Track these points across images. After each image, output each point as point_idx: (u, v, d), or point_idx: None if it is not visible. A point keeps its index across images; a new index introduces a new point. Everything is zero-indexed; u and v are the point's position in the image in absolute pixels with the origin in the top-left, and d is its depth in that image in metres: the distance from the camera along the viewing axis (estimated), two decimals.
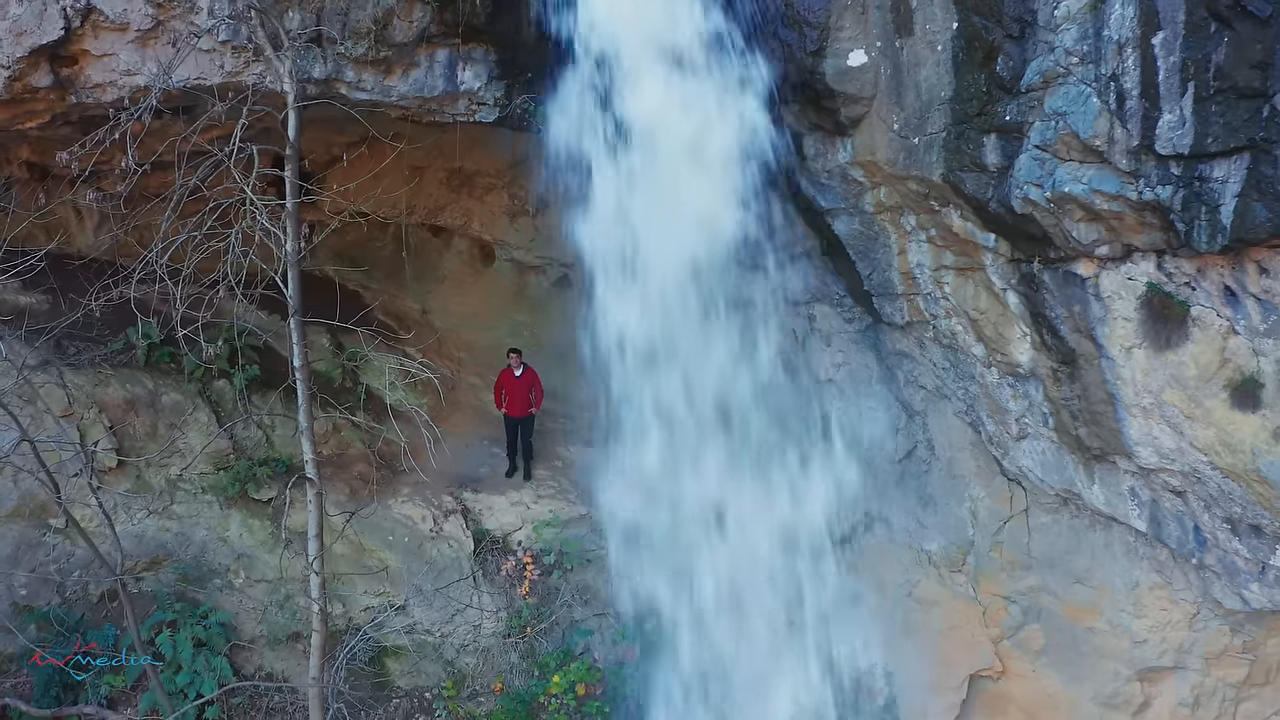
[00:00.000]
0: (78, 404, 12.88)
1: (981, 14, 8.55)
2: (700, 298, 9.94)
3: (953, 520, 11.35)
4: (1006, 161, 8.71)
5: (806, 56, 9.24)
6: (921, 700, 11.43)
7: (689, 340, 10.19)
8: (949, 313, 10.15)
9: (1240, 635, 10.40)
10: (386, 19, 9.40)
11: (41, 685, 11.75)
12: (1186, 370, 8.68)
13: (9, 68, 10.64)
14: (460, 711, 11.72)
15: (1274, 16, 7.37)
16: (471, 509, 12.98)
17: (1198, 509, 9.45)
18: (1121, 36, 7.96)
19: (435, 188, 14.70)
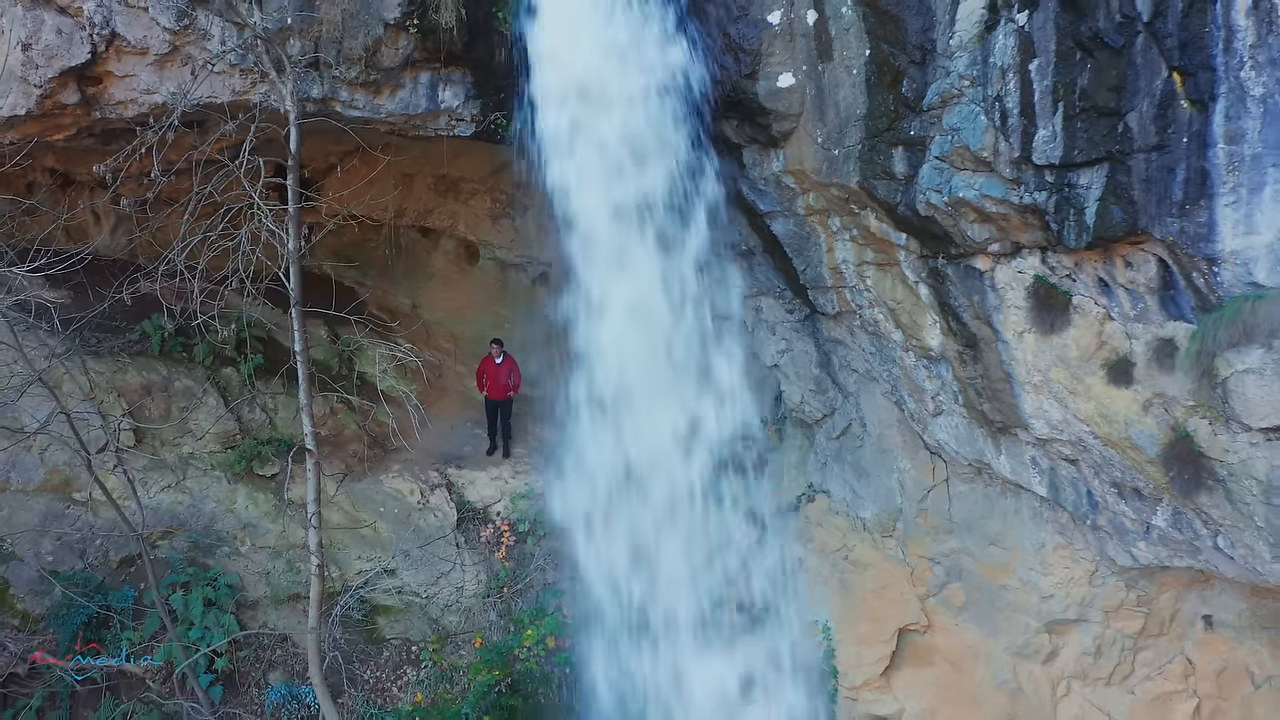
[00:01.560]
0: (99, 388, 14.18)
1: (889, 43, 9.85)
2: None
3: (883, 490, 12.64)
4: (912, 170, 10.00)
5: (742, 79, 10.55)
6: (856, 652, 12.70)
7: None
8: (871, 303, 11.45)
9: (1135, 590, 11.67)
10: (376, 46, 10.71)
11: (67, 640, 13.07)
12: (1069, 351, 9.97)
13: (41, 87, 11.96)
14: (444, 663, 13.05)
15: (1126, 46, 8.67)
16: (455, 483, 14.33)
17: (1089, 475, 10.74)
18: (1004, 63, 9.26)
19: (424, 192, 15.99)
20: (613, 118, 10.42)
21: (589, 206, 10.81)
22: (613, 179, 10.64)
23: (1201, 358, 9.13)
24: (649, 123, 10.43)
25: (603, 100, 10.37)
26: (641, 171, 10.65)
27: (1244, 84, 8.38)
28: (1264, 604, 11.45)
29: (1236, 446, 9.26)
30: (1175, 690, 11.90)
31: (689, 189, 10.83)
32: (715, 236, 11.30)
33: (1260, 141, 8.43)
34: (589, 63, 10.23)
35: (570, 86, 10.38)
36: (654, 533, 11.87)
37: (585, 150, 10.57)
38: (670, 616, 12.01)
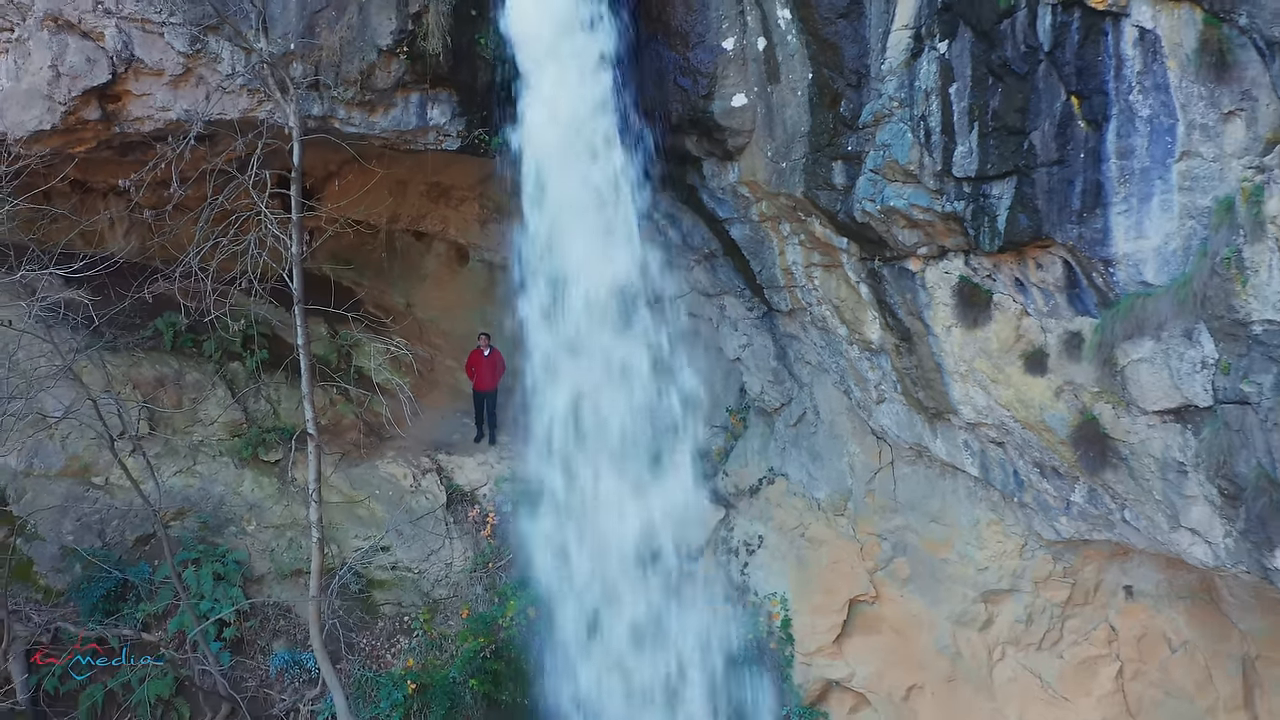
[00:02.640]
0: (116, 381, 15.29)
1: (829, 67, 11.00)
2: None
3: (835, 473, 13.79)
4: (849, 182, 11.15)
5: (700, 99, 11.71)
6: (811, 621, 13.84)
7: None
8: (819, 301, 12.60)
9: (1061, 563, 12.81)
10: (370, 70, 11.87)
11: (89, 611, 14.19)
12: (991, 344, 11.12)
13: (65, 104, 13.15)
14: (434, 632, 14.18)
15: (1030, 73, 9.82)
16: (445, 468, 15.48)
17: (1014, 456, 11.88)
18: (928, 86, 10.41)
19: (417, 199, 17.15)
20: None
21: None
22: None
23: (1103, 349, 10.27)
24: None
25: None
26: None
27: (1133, 106, 9.53)
28: (1179, 575, 12.57)
29: (1136, 428, 10.40)
30: (1100, 655, 13.03)
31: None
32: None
33: (1148, 157, 9.57)
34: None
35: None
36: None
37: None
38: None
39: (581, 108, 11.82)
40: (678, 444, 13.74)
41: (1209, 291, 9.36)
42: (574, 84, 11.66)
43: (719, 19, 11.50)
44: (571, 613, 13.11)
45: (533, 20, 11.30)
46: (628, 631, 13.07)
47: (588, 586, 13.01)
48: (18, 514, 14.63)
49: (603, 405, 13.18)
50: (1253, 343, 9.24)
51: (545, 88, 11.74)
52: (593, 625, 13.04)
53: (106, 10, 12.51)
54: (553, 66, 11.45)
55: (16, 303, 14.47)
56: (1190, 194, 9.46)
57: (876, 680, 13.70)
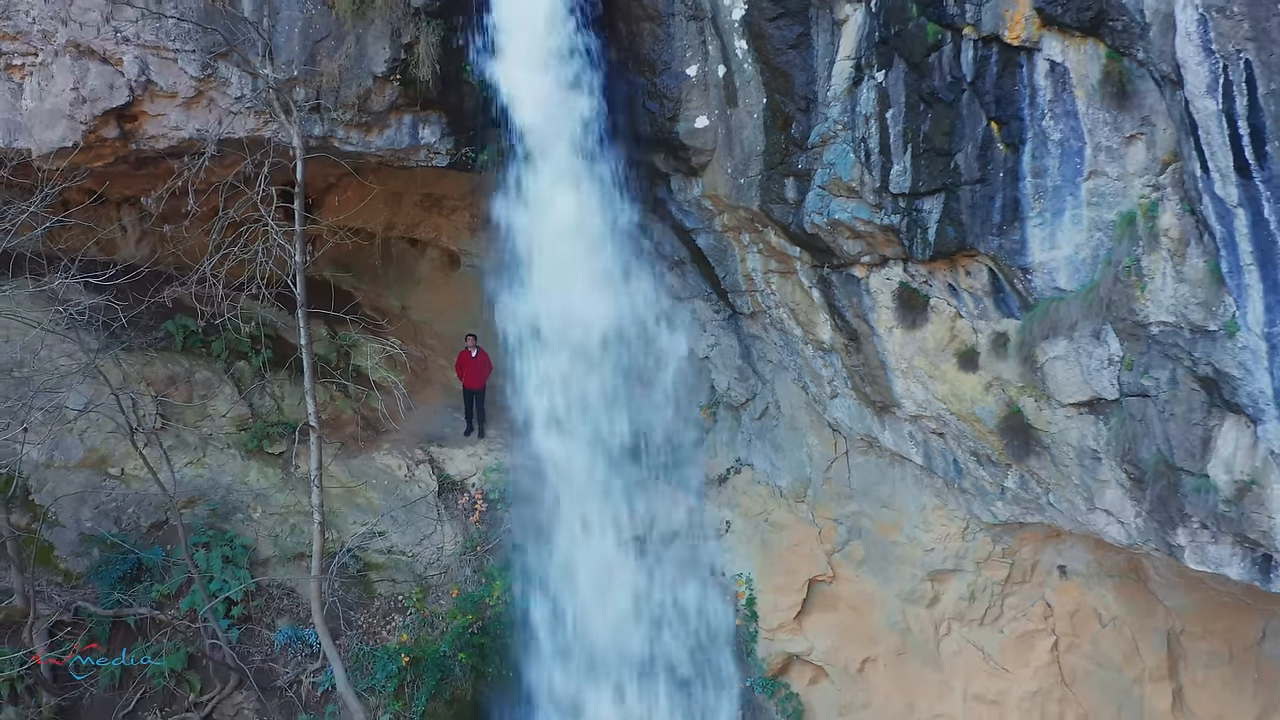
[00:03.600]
0: (131, 379, 16.43)
1: (781, 93, 12.14)
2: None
3: (795, 462, 14.93)
4: (800, 196, 12.29)
5: (666, 121, 12.85)
6: (774, 599, 14.97)
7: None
8: (777, 304, 13.74)
9: (1000, 544, 13.95)
10: (367, 94, 13.00)
11: (106, 592, 15.31)
12: (928, 343, 12.26)
13: (86, 123, 14.26)
14: (426, 610, 15.32)
15: (955, 101, 10.96)
16: (436, 459, 16.63)
17: (953, 445, 13.01)
18: (867, 111, 11.55)
19: (411, 208, 18.27)
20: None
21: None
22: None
23: (1024, 347, 11.42)
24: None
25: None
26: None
27: (1045, 131, 10.66)
28: (1108, 556, 13.70)
29: (1055, 419, 11.54)
30: (1037, 629, 14.17)
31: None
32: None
33: (1059, 176, 10.71)
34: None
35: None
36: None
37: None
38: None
39: (562, 129, 12.94)
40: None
41: (1113, 296, 10.50)
42: (554, 108, 12.78)
43: (683, 48, 12.63)
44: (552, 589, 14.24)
45: (514, 52, 12.42)
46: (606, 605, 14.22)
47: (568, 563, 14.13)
48: (40, 502, 15.71)
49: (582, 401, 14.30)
50: (1151, 342, 10.38)
51: (527, 111, 12.85)
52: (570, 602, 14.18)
53: (125, 39, 13.61)
54: (533, 93, 12.55)
55: (44, 308, 15.75)
56: (1097, 209, 10.60)
57: (833, 654, 14.83)
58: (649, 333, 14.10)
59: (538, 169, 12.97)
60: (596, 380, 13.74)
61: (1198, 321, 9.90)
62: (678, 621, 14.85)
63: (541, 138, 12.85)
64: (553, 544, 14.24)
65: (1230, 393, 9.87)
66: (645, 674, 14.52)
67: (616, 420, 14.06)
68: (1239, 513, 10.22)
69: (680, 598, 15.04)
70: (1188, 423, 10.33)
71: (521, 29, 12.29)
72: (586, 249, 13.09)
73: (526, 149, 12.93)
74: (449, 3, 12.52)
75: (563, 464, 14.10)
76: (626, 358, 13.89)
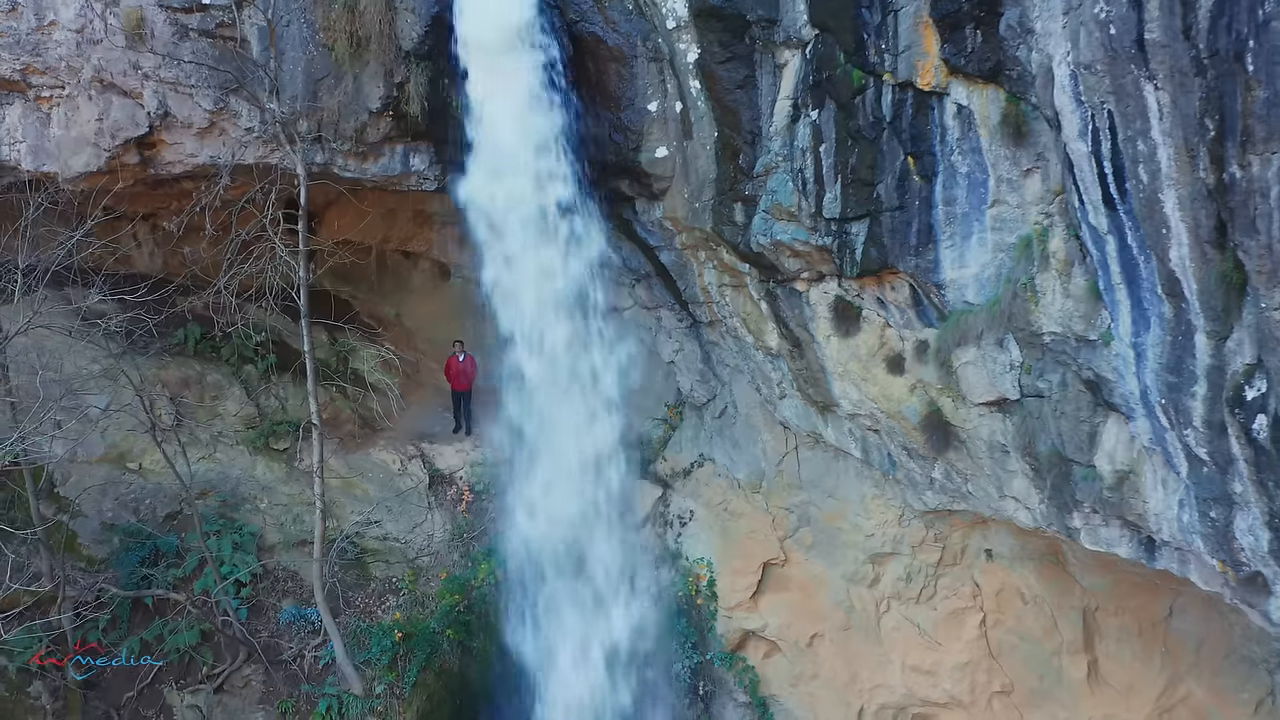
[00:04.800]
0: (147, 381, 17.95)
1: (730, 128, 13.65)
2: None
3: (751, 457, 16.46)
4: (747, 219, 13.80)
5: (630, 151, 14.36)
6: (732, 581, 16.51)
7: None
8: (731, 314, 15.26)
9: (933, 530, 15.47)
10: (363, 127, 14.51)
11: (126, 575, 16.83)
12: (861, 350, 13.78)
13: (109, 150, 15.77)
14: (418, 591, 16.87)
15: (877, 138, 12.49)
16: (427, 455, 18.18)
17: (886, 441, 14.54)
18: (804, 145, 13.06)
19: (405, 223, 19.76)
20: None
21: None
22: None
23: (941, 353, 12.93)
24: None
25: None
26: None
27: (954, 165, 12.18)
28: (1029, 541, 15.21)
29: (969, 416, 13.06)
30: (966, 606, 15.69)
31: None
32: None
33: (967, 204, 12.23)
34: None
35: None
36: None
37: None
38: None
39: (537, 157, 14.43)
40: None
41: (1013, 310, 12.03)
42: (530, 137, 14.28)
43: (645, 86, 14.15)
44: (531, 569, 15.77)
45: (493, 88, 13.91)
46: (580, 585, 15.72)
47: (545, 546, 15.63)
48: (65, 495, 17.23)
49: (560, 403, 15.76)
50: (1045, 349, 11.90)
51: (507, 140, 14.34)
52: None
53: (145, 75, 15.11)
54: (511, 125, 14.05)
55: (66, 316, 17.29)
56: (1000, 233, 12.12)
57: (785, 630, 16.37)
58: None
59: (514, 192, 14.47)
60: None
61: (1080, 332, 11.42)
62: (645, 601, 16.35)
63: (521, 163, 14.30)
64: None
65: (1108, 394, 11.41)
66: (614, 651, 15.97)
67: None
68: (1120, 498, 11.76)
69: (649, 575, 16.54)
70: (1076, 420, 11.87)
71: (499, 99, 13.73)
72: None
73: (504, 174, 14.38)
74: (435, 47, 14.02)
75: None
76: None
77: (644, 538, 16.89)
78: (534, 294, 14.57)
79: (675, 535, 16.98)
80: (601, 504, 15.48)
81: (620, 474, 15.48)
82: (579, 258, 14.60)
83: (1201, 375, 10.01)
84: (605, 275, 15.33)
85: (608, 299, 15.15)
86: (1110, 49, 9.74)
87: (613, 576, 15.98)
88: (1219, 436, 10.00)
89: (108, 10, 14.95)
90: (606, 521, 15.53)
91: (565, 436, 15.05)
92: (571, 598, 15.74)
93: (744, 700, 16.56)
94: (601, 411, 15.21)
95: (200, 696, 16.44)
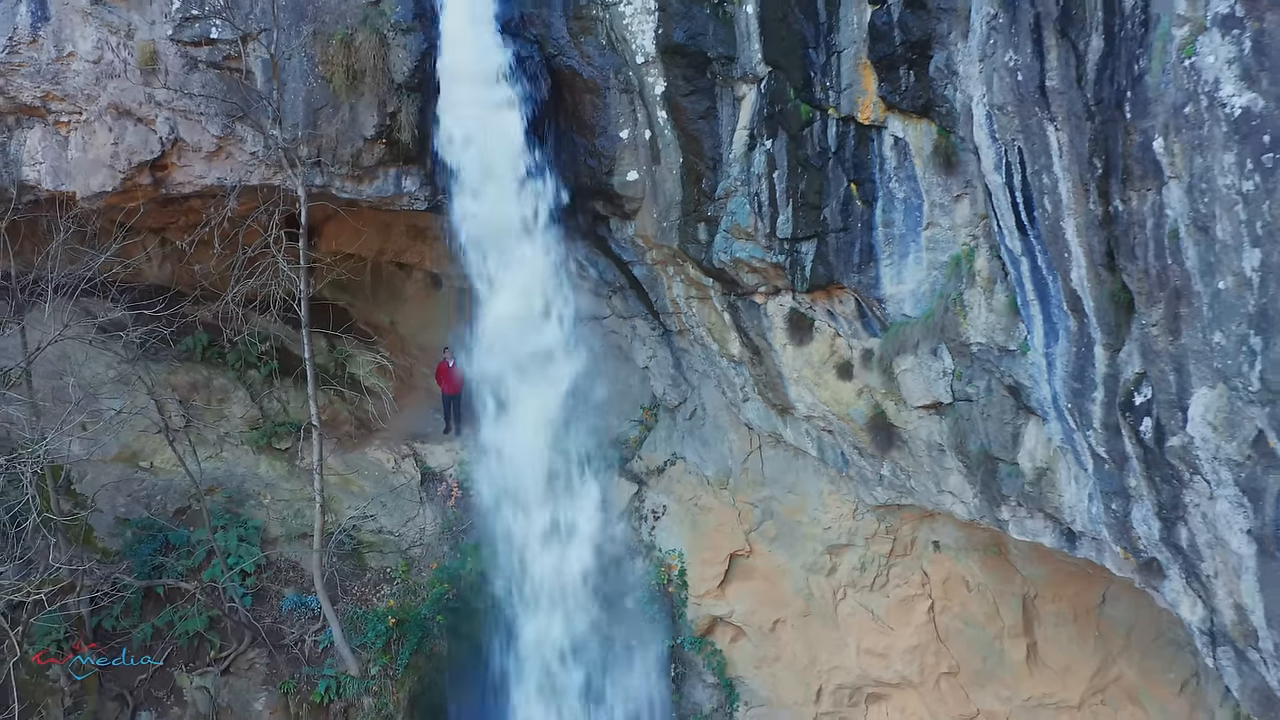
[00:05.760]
0: (158, 385, 19.23)
1: (694, 155, 14.90)
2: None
3: (719, 455, 17.73)
4: (710, 238, 15.07)
5: (604, 174, 15.62)
6: (701, 570, 17.78)
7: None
8: (698, 324, 16.53)
9: (884, 523, 16.74)
10: (359, 153, 15.76)
11: (139, 566, 18.09)
12: (813, 357, 15.05)
13: (124, 172, 17.01)
14: (410, 581, 18.14)
15: (823, 166, 13.76)
16: (419, 454, 19.46)
17: (839, 440, 15.81)
18: (759, 171, 14.33)
19: (399, 236, 21.03)
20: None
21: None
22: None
23: (884, 361, 14.21)
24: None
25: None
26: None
27: (892, 191, 13.47)
28: (974, 534, 16.48)
29: (910, 418, 14.34)
30: (916, 594, 16.96)
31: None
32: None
33: (904, 226, 13.51)
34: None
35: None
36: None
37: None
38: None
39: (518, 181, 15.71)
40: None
41: (945, 322, 13.31)
42: (509, 161, 15.55)
43: (617, 116, 15.41)
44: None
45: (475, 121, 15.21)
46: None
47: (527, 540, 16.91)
48: (81, 491, 18.50)
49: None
50: (973, 358, 13.18)
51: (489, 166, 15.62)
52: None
53: (158, 103, 16.37)
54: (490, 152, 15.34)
55: (83, 324, 18.53)
56: (933, 253, 13.40)
57: (750, 616, 17.64)
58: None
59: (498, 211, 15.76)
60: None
61: (1002, 343, 12.70)
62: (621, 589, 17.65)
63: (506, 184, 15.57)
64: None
65: (1027, 398, 12.69)
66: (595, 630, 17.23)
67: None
68: (1039, 492, 13.04)
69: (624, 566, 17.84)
70: (1001, 422, 13.15)
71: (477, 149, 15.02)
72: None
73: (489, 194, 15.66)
74: (424, 80, 15.30)
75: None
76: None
77: (621, 531, 18.16)
78: (513, 301, 15.78)
79: (650, 529, 18.24)
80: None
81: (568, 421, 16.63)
82: (554, 266, 15.87)
83: (1100, 382, 11.28)
84: (582, 285, 16.61)
85: (581, 308, 16.40)
86: (1019, 93, 11.01)
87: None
88: (1115, 437, 11.27)
89: (122, 44, 16.23)
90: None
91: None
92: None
93: (712, 681, 17.86)
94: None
95: (208, 678, 17.71)
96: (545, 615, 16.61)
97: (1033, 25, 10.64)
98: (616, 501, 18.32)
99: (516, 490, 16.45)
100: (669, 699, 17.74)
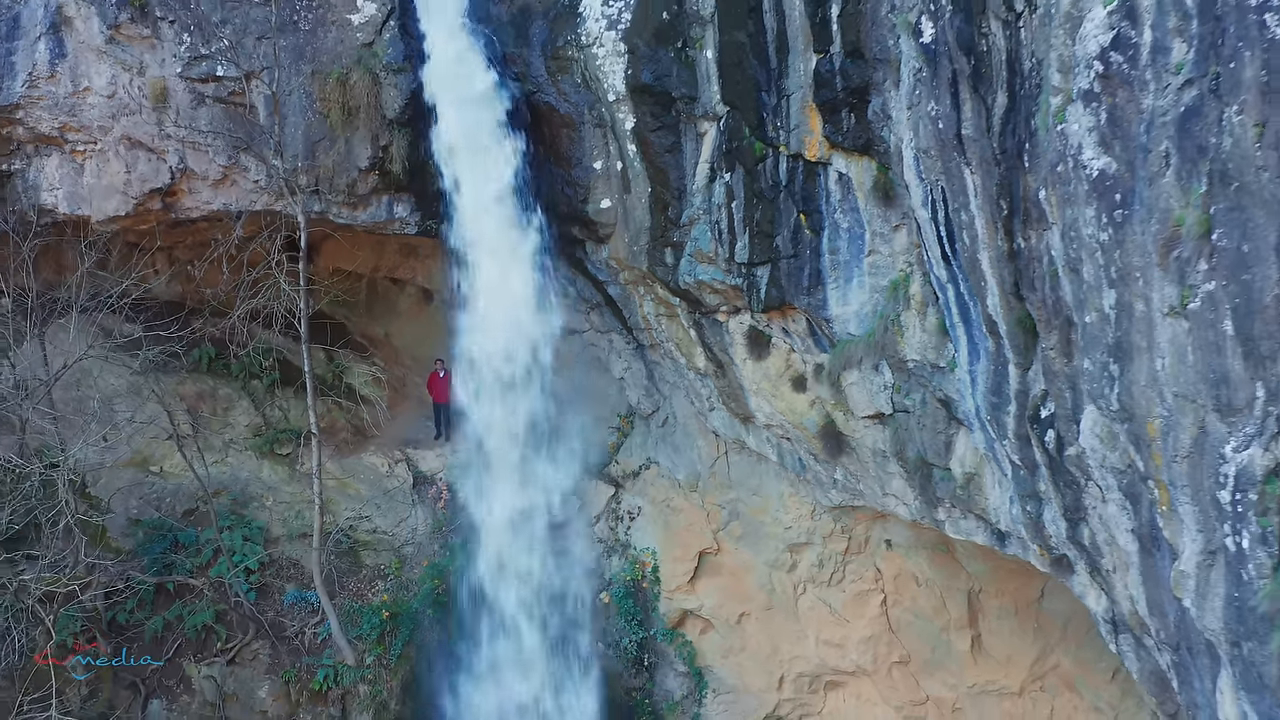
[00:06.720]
0: (167, 395, 20.55)
1: (661, 185, 16.20)
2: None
3: (689, 460, 19.06)
4: (675, 261, 16.37)
5: (579, 202, 16.94)
6: (672, 567, 19.10)
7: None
8: (667, 339, 17.85)
9: (840, 523, 18.06)
10: (354, 182, 17.07)
11: (151, 563, 19.42)
12: (771, 371, 16.37)
13: (136, 198, 18.31)
14: (403, 578, 19.49)
15: (775, 198, 15.08)
16: (411, 459, 20.81)
17: (796, 447, 17.13)
18: (719, 202, 15.64)
19: (393, 254, 22.30)
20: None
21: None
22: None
23: (832, 375, 15.53)
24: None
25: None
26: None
27: (838, 221, 14.79)
28: (922, 533, 17.76)
29: (856, 428, 15.66)
30: (870, 589, 18.29)
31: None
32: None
33: (849, 253, 14.83)
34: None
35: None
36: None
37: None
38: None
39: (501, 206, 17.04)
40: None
41: (885, 340, 14.64)
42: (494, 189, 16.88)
43: (591, 148, 16.72)
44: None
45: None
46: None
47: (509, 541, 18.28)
48: (95, 494, 19.83)
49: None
50: (910, 373, 14.51)
51: (473, 193, 16.95)
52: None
53: (168, 135, 17.66)
54: (476, 180, 16.66)
55: (96, 339, 19.89)
56: (875, 277, 14.72)
57: (718, 609, 18.97)
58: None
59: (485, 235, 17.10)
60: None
61: (933, 360, 14.04)
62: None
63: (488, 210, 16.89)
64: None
65: (955, 410, 14.04)
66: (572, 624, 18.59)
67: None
68: (969, 495, 14.39)
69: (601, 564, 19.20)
70: (935, 431, 14.49)
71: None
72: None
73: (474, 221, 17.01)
74: (415, 116, 16.64)
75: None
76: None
77: (599, 531, 19.50)
78: (501, 317, 17.14)
79: (625, 529, 19.58)
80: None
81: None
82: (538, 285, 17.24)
83: (1013, 397, 12.63)
84: (563, 302, 17.98)
85: (563, 323, 17.77)
86: (940, 139, 12.35)
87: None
88: (1026, 446, 12.61)
89: (134, 80, 17.56)
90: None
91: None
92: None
93: (683, 670, 19.21)
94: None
95: (215, 668, 19.06)
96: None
97: (950, 80, 11.97)
98: (595, 502, 19.63)
99: (496, 491, 17.81)
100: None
